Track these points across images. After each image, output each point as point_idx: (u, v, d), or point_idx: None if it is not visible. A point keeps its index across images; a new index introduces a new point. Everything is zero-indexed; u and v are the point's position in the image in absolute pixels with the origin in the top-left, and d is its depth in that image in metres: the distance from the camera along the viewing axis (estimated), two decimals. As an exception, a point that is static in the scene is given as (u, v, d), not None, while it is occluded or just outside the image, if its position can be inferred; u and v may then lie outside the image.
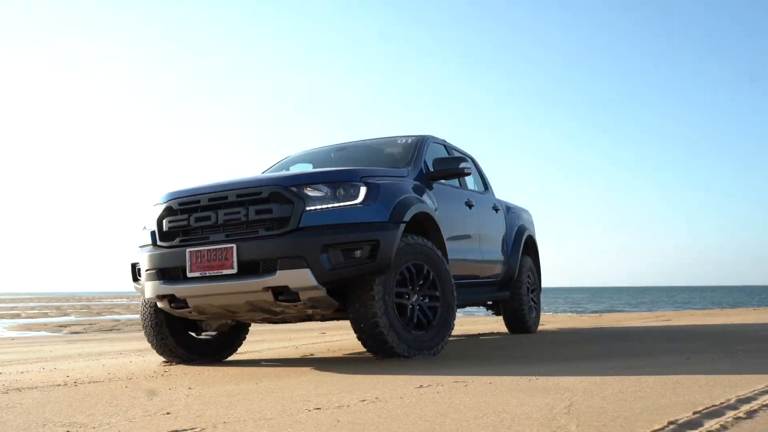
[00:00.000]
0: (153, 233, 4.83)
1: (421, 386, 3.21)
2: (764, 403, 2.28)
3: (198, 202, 4.66)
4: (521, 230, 7.65)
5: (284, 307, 4.55)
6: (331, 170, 4.80)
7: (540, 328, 9.40)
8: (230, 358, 5.71)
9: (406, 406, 2.60)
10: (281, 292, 4.39)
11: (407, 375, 3.70)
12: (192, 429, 2.33)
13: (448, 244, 5.69)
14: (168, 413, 2.72)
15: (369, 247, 4.45)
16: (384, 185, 4.75)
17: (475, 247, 6.41)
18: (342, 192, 4.55)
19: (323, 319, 4.98)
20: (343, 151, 6.41)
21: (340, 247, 4.38)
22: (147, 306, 5.24)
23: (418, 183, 5.39)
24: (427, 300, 4.93)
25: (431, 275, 4.93)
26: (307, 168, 6.50)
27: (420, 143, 5.98)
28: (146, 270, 4.79)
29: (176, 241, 4.68)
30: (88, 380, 4.24)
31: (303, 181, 4.53)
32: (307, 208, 4.40)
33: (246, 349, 6.67)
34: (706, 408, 2.20)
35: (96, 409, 2.92)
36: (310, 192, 4.49)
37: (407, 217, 4.72)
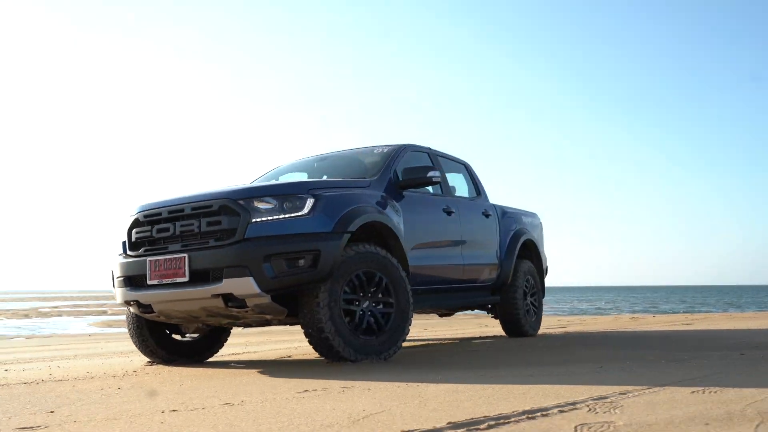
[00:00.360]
0: (124, 243, 5.25)
1: (306, 390, 3.48)
2: (533, 416, 2.42)
3: (159, 214, 5.05)
4: (517, 235, 7.71)
5: (238, 313, 4.87)
6: (279, 183, 5.10)
7: (561, 330, 9.42)
8: (215, 358, 6.10)
9: (251, 410, 2.88)
10: (230, 298, 4.72)
11: (310, 379, 3.97)
12: (38, 427, 2.67)
13: (420, 251, 5.90)
14: (52, 412, 3.09)
15: (311, 256, 4.71)
16: (331, 197, 4.99)
17: (456, 252, 6.56)
18: (288, 204, 4.83)
19: (280, 323, 5.27)
20: (324, 161, 6.69)
21: (282, 256, 4.66)
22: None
23: (381, 193, 5.59)
24: (381, 306, 5.15)
25: (384, 282, 5.15)
26: (302, 176, 6.82)
27: (394, 153, 6.18)
28: (117, 277, 5.23)
29: (141, 251, 5.08)
30: (59, 378, 4.69)
31: (251, 194, 4.84)
32: (253, 220, 4.70)
33: (245, 350, 7.06)
34: (468, 419, 2.36)
35: (4, 407, 3.31)
36: (258, 204, 4.79)
37: (353, 227, 4.95)
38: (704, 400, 2.76)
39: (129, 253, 5.18)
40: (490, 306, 7.73)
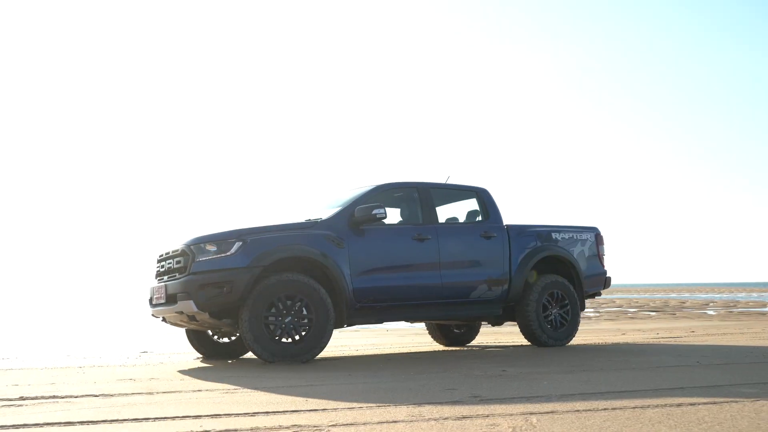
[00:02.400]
0: (154, 273, 7.59)
1: (135, 380, 5.38)
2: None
3: (162, 255, 7.28)
4: (534, 251, 8.20)
5: (199, 324, 6.86)
6: (220, 232, 6.89)
7: (609, 339, 9.45)
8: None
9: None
10: (186, 314, 6.72)
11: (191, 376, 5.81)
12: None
13: (374, 274, 7.21)
14: None
15: (230, 285, 6.51)
16: (255, 240, 6.69)
17: (432, 272, 7.53)
18: (224, 247, 6.68)
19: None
20: (333, 197, 8.20)
21: (211, 285, 6.54)
22: (183, 318, 7.99)
23: (324, 231, 7.03)
24: (305, 321, 6.69)
25: (305, 302, 6.67)
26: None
27: (361, 194, 7.51)
28: (148, 297, 7.58)
29: (156, 280, 7.37)
30: (104, 366, 7.16)
31: (198, 241, 6.77)
32: (197, 260, 6.66)
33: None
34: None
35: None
36: (206, 247, 6.71)
37: (267, 262, 6.60)
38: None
39: (154, 280, 7.52)
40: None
